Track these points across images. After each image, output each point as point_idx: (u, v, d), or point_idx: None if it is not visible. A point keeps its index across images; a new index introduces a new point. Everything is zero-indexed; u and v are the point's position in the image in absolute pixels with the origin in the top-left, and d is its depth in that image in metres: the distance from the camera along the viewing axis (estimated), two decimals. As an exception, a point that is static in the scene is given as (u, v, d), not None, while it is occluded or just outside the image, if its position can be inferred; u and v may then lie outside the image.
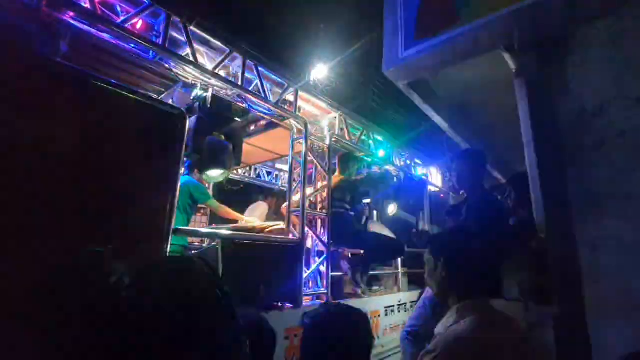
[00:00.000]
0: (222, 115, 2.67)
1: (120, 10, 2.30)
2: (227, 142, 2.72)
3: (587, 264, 1.43)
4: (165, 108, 2.12)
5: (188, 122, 2.20)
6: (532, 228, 1.72)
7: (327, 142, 3.60)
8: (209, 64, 2.71)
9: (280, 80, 3.19)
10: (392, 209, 4.51)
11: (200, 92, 2.66)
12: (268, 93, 3.02)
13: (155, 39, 2.33)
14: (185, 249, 3.41)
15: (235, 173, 5.53)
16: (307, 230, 3.12)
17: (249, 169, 5.92)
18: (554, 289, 1.50)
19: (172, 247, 2.09)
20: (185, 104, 2.68)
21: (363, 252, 3.77)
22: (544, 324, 1.62)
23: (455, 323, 1.06)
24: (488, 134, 3.40)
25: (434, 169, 5.88)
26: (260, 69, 2.97)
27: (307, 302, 3.01)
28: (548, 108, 1.72)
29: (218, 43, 2.67)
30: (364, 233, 3.83)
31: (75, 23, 2.02)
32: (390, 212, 4.51)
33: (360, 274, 3.60)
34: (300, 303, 2.82)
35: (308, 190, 3.34)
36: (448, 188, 5.75)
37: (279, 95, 3.15)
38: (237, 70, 2.90)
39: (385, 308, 3.71)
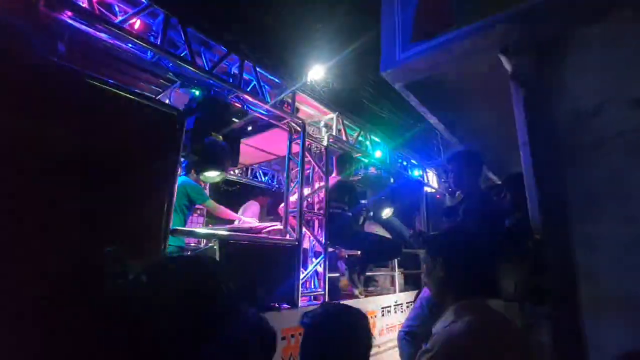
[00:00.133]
0: (219, 116, 2.67)
1: (119, 10, 2.29)
2: (224, 142, 2.72)
3: (583, 265, 1.44)
4: (164, 108, 2.11)
5: (186, 122, 2.20)
6: (528, 228, 1.73)
7: (324, 142, 3.61)
8: (207, 65, 2.71)
9: (278, 81, 3.19)
10: (386, 213, 4.52)
11: (198, 92, 2.66)
12: (266, 94, 3.02)
13: (154, 39, 2.33)
14: (182, 250, 3.39)
15: (232, 174, 5.51)
16: (304, 231, 3.13)
17: (246, 170, 5.91)
18: (550, 289, 1.51)
19: (168, 247, 2.08)
20: (183, 105, 2.67)
21: (360, 252, 3.78)
22: (540, 324, 1.64)
23: (453, 322, 1.07)
24: (483, 135, 3.42)
25: (431, 170, 5.91)
26: (258, 70, 2.98)
27: (304, 302, 3.00)
28: (544, 109, 1.74)
29: (216, 44, 2.67)
30: (361, 234, 3.84)
31: (73, 23, 2.01)
32: (385, 215, 4.52)
33: (357, 275, 3.61)
34: (298, 304, 2.82)
35: (305, 191, 3.35)
36: (444, 189, 5.78)
37: (277, 96, 3.16)
38: (234, 71, 2.90)
39: (382, 308, 3.72)
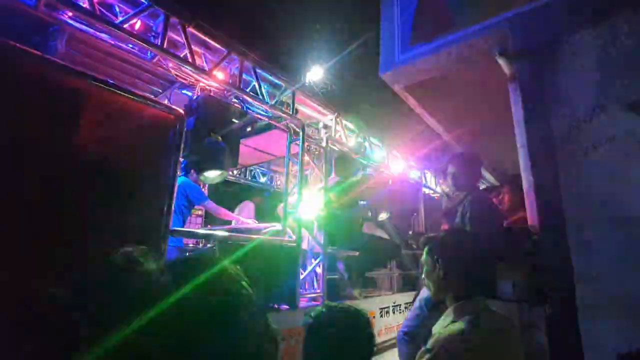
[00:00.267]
0: (219, 117, 2.67)
1: (119, 11, 2.29)
2: (224, 143, 2.72)
3: (579, 266, 1.46)
4: (164, 109, 2.11)
5: (186, 123, 2.20)
6: (526, 230, 1.75)
7: (323, 144, 3.62)
8: (207, 66, 2.71)
9: (278, 82, 3.20)
10: (383, 216, 4.54)
11: (198, 93, 2.66)
12: (265, 95, 3.03)
13: (154, 40, 2.33)
14: (181, 250, 3.39)
15: (231, 174, 5.51)
16: (303, 232, 3.13)
17: (245, 170, 5.91)
18: (547, 291, 1.54)
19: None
20: (183, 105, 2.67)
21: (358, 253, 3.79)
22: (538, 325, 1.66)
23: (453, 323, 1.08)
24: (481, 137, 3.45)
25: (428, 172, 5.94)
26: (258, 71, 2.98)
27: (303, 303, 3.01)
28: (541, 112, 1.76)
29: (216, 44, 2.68)
30: (361, 234, 3.86)
31: (74, 23, 2.01)
32: (381, 218, 4.55)
33: (356, 276, 3.62)
34: (297, 304, 2.82)
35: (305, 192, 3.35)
36: (442, 191, 5.81)
37: (276, 97, 3.17)
38: (234, 72, 2.91)
39: (380, 309, 3.73)
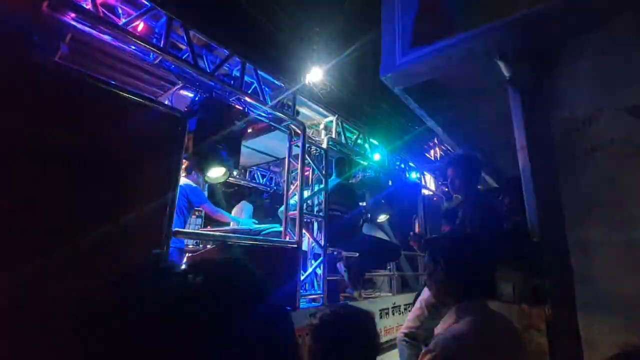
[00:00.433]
0: (221, 118, 2.68)
1: (122, 13, 2.30)
2: (225, 144, 2.73)
3: (578, 267, 1.47)
4: (166, 110, 2.12)
5: (188, 124, 2.21)
6: (525, 232, 1.77)
7: (324, 145, 3.63)
8: (209, 67, 2.73)
9: (279, 84, 3.22)
10: (382, 218, 4.55)
11: (200, 94, 2.67)
12: (267, 96, 3.04)
13: (156, 42, 2.34)
14: (182, 251, 3.39)
15: (231, 175, 5.51)
16: (303, 233, 3.14)
17: (244, 171, 5.92)
18: (547, 291, 1.55)
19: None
20: (185, 106, 2.68)
21: (358, 254, 3.80)
22: (537, 326, 1.67)
23: (455, 323, 1.09)
24: (481, 139, 3.47)
25: (428, 173, 5.96)
26: (259, 73, 3.00)
27: (303, 304, 3.02)
28: (541, 115, 1.78)
29: (218, 46, 2.69)
30: (360, 236, 3.87)
31: (77, 24, 2.02)
32: (380, 220, 4.56)
33: (356, 277, 3.63)
34: (298, 306, 2.83)
35: (305, 193, 3.37)
36: (441, 192, 5.83)
37: (277, 98, 3.18)
38: (236, 74, 2.92)
39: (380, 311, 3.74)
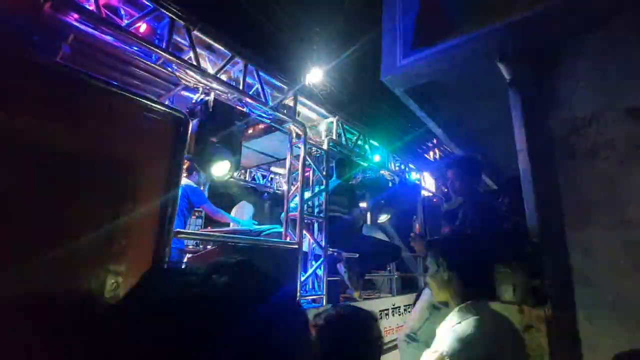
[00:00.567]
0: (222, 119, 2.69)
1: (124, 14, 2.31)
2: (227, 145, 2.74)
3: (578, 269, 1.48)
4: (168, 111, 2.13)
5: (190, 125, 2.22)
6: (525, 233, 1.78)
7: (324, 146, 3.64)
8: (211, 68, 2.74)
9: (280, 85, 3.23)
10: (383, 219, 4.56)
11: (202, 95, 2.68)
12: (268, 97, 3.05)
13: (159, 43, 2.35)
14: (182, 252, 3.40)
15: (231, 176, 5.52)
16: (304, 234, 3.15)
17: (245, 172, 5.93)
18: (547, 292, 1.56)
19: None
20: (186, 107, 2.69)
21: (359, 255, 3.81)
22: (537, 326, 1.68)
23: (458, 324, 1.10)
24: (481, 141, 3.48)
25: (428, 174, 5.97)
26: (261, 74, 3.01)
27: (303, 305, 3.02)
28: (541, 116, 1.79)
29: (220, 47, 2.70)
30: (361, 237, 3.87)
31: (79, 25, 2.03)
32: (381, 221, 4.56)
33: (356, 278, 3.64)
34: (298, 306, 2.83)
35: (305, 194, 3.38)
36: (441, 193, 5.83)
37: (279, 100, 3.19)
38: (238, 75, 2.93)
39: (380, 312, 3.74)
